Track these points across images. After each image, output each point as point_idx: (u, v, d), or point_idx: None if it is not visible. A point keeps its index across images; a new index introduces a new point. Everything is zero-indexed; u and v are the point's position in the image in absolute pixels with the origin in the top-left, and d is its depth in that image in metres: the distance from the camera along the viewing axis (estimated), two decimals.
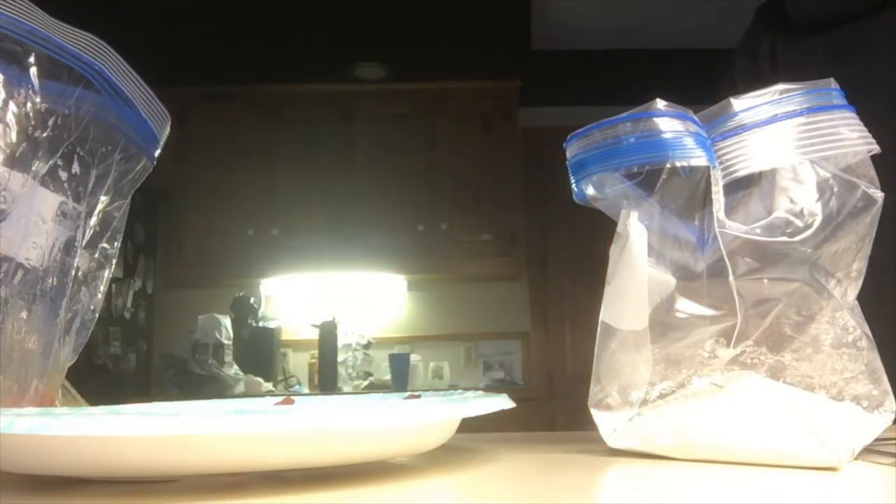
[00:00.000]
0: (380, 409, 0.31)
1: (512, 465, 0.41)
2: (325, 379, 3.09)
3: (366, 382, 3.22)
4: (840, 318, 0.42)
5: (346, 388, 3.19)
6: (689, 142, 0.42)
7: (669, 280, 0.44)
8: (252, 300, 3.24)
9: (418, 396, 0.47)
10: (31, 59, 0.44)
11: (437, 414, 0.34)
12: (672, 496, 0.34)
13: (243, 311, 3.19)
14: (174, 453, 0.30)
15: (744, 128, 0.43)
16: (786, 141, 0.42)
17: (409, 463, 0.41)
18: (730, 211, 0.43)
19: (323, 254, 3.22)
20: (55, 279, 0.47)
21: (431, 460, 0.42)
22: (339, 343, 3.16)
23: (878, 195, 0.42)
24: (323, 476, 0.35)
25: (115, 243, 0.53)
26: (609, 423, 0.45)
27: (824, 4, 1.00)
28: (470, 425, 0.48)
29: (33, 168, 0.45)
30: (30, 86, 0.44)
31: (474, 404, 0.37)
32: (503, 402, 0.39)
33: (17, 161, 0.44)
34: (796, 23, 1.04)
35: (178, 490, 0.32)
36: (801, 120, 0.42)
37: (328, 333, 3.11)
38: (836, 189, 0.42)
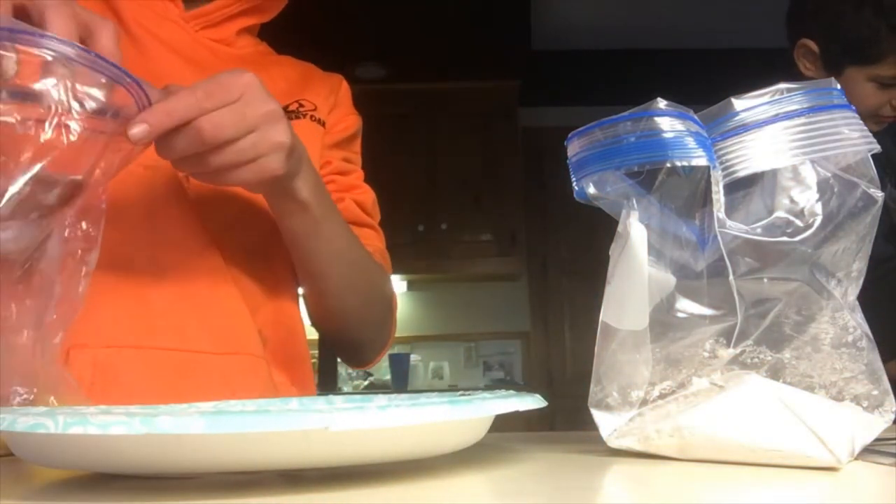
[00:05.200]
0: (425, 409, 0.31)
1: (511, 465, 0.41)
2: (325, 379, 3.09)
3: (366, 382, 3.22)
4: (840, 317, 0.42)
5: (346, 388, 3.19)
6: (690, 141, 0.42)
7: (669, 279, 0.44)
8: None
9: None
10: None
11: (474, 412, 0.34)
12: (672, 496, 0.34)
13: None
14: (198, 452, 0.30)
15: (744, 127, 0.43)
16: (786, 141, 0.42)
17: (410, 463, 0.41)
18: (730, 210, 0.43)
19: None
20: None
21: (427, 460, 0.42)
22: None
23: (879, 195, 0.42)
24: (340, 475, 0.35)
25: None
26: (609, 423, 0.45)
27: None
28: None
29: None
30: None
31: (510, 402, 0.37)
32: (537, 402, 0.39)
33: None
34: None
35: (197, 487, 0.32)
36: (802, 120, 0.42)
37: None
38: (836, 189, 0.42)
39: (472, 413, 0.34)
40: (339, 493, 0.31)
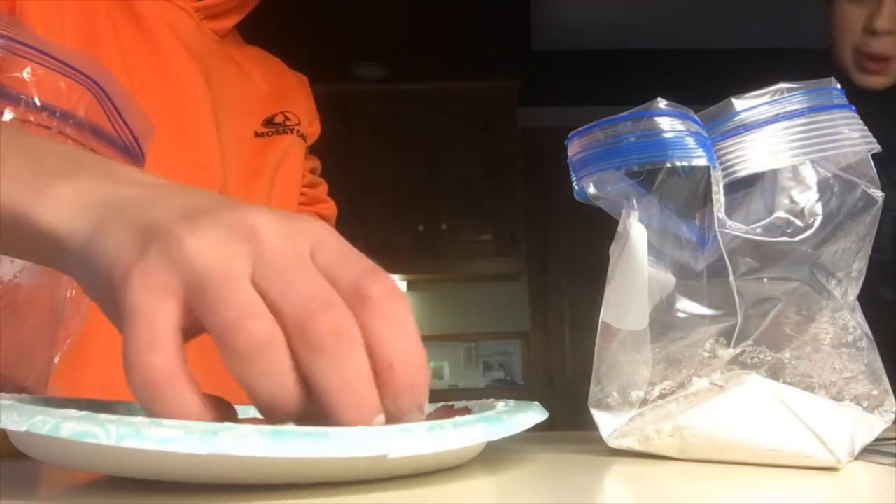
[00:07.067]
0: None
1: (511, 465, 0.41)
2: None
3: None
4: (840, 317, 0.42)
5: None
6: (690, 141, 0.42)
7: (669, 279, 0.44)
8: None
9: (451, 406, 0.47)
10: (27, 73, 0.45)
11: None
12: (672, 496, 0.34)
13: None
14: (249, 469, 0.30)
15: (744, 127, 0.43)
16: (787, 141, 0.42)
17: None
18: (730, 210, 0.43)
19: None
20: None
21: None
22: None
23: (878, 195, 0.42)
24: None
25: None
26: (609, 423, 0.45)
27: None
28: None
29: None
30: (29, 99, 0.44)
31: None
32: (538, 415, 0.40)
33: None
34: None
35: (202, 488, 0.32)
36: (802, 120, 0.42)
37: None
38: (836, 189, 0.42)
39: (509, 430, 0.36)
40: (340, 494, 0.31)
